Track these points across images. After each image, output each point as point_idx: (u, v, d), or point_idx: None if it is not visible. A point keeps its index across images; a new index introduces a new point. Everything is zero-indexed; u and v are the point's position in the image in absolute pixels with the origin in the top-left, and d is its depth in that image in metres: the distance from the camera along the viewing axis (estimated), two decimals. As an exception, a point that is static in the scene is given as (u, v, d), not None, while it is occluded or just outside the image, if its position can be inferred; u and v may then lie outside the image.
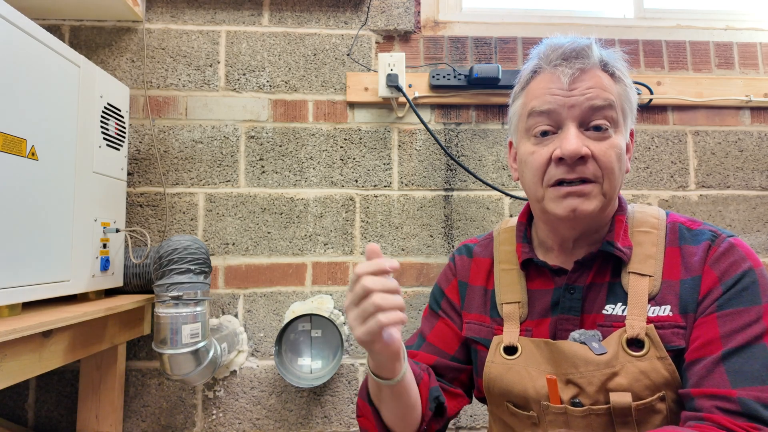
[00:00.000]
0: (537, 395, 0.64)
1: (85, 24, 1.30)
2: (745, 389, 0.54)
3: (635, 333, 0.61)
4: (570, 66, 0.63)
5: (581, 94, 0.62)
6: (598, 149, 0.62)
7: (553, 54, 0.65)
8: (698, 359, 0.58)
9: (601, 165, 0.62)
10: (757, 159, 1.38)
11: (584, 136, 0.63)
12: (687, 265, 0.63)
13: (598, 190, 0.62)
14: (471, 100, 1.33)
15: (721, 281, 0.60)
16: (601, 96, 0.62)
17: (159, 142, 1.29)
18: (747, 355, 0.56)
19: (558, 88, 0.63)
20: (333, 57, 1.34)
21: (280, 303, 1.28)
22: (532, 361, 0.66)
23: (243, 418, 1.24)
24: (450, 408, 0.73)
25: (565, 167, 0.62)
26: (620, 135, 0.64)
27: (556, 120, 0.64)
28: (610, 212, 0.68)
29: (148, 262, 1.13)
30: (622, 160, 0.64)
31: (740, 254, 0.61)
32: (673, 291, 0.62)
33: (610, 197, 0.64)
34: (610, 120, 0.63)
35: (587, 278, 0.67)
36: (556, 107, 0.63)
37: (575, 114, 0.62)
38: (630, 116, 0.67)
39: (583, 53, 0.64)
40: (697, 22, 1.45)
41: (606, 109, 0.62)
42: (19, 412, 1.22)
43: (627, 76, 0.67)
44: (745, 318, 0.57)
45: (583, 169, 0.62)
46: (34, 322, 0.77)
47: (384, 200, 1.31)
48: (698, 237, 0.65)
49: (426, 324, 0.81)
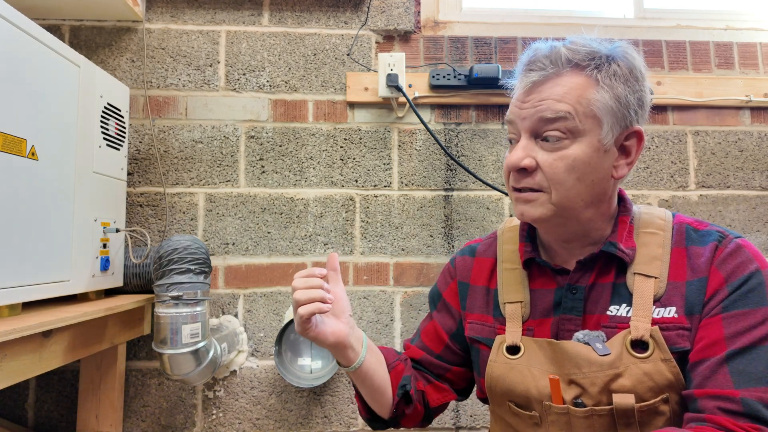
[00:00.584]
0: (539, 395, 0.64)
1: (85, 24, 1.30)
2: (748, 390, 0.54)
3: (640, 334, 0.60)
4: (526, 76, 0.64)
5: (532, 106, 0.63)
6: (545, 160, 0.62)
7: (522, 61, 0.67)
8: (702, 360, 0.58)
9: (547, 176, 0.63)
10: (757, 159, 1.38)
11: (537, 146, 0.63)
12: (693, 266, 0.63)
13: (546, 199, 0.63)
14: (471, 100, 1.33)
15: (728, 282, 0.60)
16: (552, 108, 0.61)
17: (159, 142, 1.29)
18: (751, 356, 0.56)
19: (518, 99, 0.66)
20: (333, 57, 1.34)
21: (280, 303, 1.28)
22: (535, 361, 0.66)
23: (243, 418, 1.24)
24: (432, 400, 0.78)
25: (514, 175, 0.65)
26: (581, 144, 0.61)
27: (517, 129, 0.66)
28: (596, 217, 0.66)
29: (148, 262, 1.13)
30: (580, 170, 0.61)
31: (747, 255, 0.61)
32: (679, 292, 0.62)
33: (565, 206, 0.63)
34: (566, 131, 0.61)
35: (589, 278, 0.67)
36: (514, 118, 0.66)
37: (526, 126, 0.64)
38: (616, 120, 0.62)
39: (542, 62, 0.63)
40: (697, 22, 1.45)
41: (558, 121, 0.61)
42: (19, 412, 1.22)
43: (621, 75, 0.63)
44: (751, 320, 0.57)
45: (526, 179, 0.64)
46: (34, 322, 0.77)
47: (384, 200, 1.31)
48: (705, 238, 0.64)
49: (423, 321, 0.86)
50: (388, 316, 1.29)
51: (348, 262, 1.30)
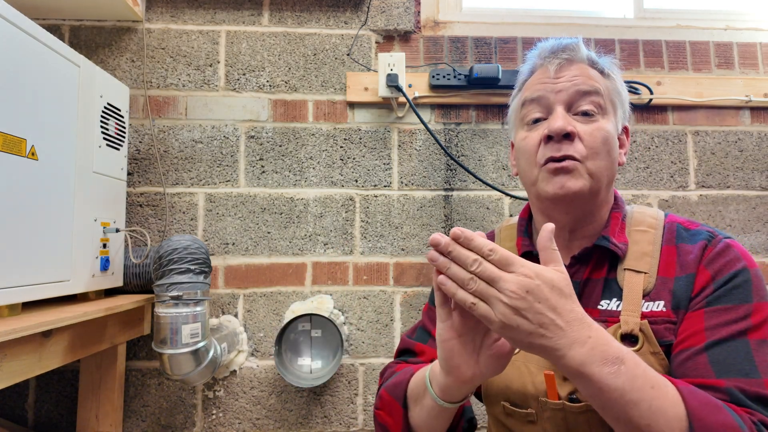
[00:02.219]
0: (536, 391, 0.64)
1: (85, 24, 1.30)
2: (730, 380, 0.54)
3: (630, 328, 0.61)
4: (557, 57, 0.68)
5: (568, 80, 0.67)
6: (584, 129, 0.65)
7: (543, 51, 0.70)
8: (683, 350, 0.59)
9: (586, 144, 0.65)
10: (756, 159, 1.38)
11: (572, 117, 0.66)
12: (682, 263, 0.64)
13: (584, 169, 0.65)
14: (471, 100, 1.33)
15: (714, 279, 0.61)
16: (587, 82, 0.66)
17: (159, 142, 1.29)
18: (730, 347, 0.56)
19: (547, 78, 0.68)
20: (333, 57, 1.34)
21: (280, 303, 1.28)
22: (531, 357, 0.66)
23: (243, 418, 1.25)
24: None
25: (553, 145, 0.65)
26: (608, 121, 0.67)
27: (545, 106, 0.68)
28: (603, 202, 0.69)
29: (148, 261, 1.13)
30: (610, 144, 0.66)
31: (735, 254, 0.62)
32: (667, 287, 0.63)
33: (598, 178, 0.65)
34: (597, 106, 0.66)
35: (584, 273, 0.67)
36: (544, 93, 0.67)
37: (562, 98, 0.66)
38: (620, 109, 0.70)
39: (570, 48, 0.69)
40: (697, 22, 1.45)
41: (592, 95, 0.66)
42: (19, 412, 1.22)
43: (617, 75, 0.70)
44: (732, 314, 0.58)
45: (568, 147, 0.64)
46: (34, 322, 0.78)
47: (384, 200, 1.32)
48: (695, 237, 0.65)
49: (428, 320, 0.80)
50: (388, 316, 1.29)
51: (348, 262, 1.30)
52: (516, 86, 0.76)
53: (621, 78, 0.71)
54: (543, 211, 0.71)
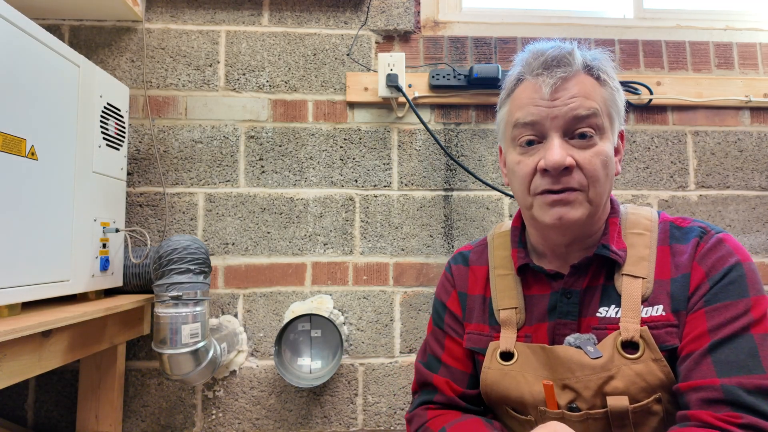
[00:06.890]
0: (534, 400, 0.64)
1: (84, 24, 1.30)
2: (729, 378, 0.54)
3: (630, 335, 0.61)
4: (551, 75, 0.62)
5: (564, 104, 0.62)
6: (583, 158, 0.62)
7: (534, 62, 0.64)
8: (688, 354, 0.59)
9: (586, 174, 0.62)
10: (756, 159, 1.38)
11: (569, 145, 0.62)
12: (677, 264, 0.63)
13: (584, 198, 0.62)
14: (471, 100, 1.33)
15: (708, 276, 0.61)
16: (584, 105, 0.62)
17: (159, 142, 1.29)
18: (733, 345, 0.56)
19: (540, 99, 0.63)
20: (333, 57, 1.34)
21: (279, 303, 1.28)
22: (528, 367, 0.65)
23: (243, 418, 1.24)
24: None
25: (550, 178, 0.62)
26: (607, 141, 0.63)
27: (540, 131, 0.64)
28: (601, 216, 0.68)
29: (147, 262, 1.13)
30: (609, 167, 0.63)
31: (727, 249, 0.61)
32: (665, 290, 0.63)
33: (597, 204, 0.64)
34: (595, 127, 0.62)
35: (584, 282, 0.66)
36: (539, 119, 0.63)
37: (558, 124, 0.62)
38: (618, 119, 0.66)
39: (565, 60, 0.63)
40: (697, 22, 1.45)
41: (590, 118, 0.62)
42: (19, 412, 1.22)
43: (614, 78, 0.66)
44: (732, 311, 0.58)
45: (568, 180, 0.61)
46: (34, 322, 0.77)
47: (384, 200, 1.31)
48: (688, 235, 0.65)
49: (435, 343, 0.79)
50: (388, 316, 1.29)
51: (348, 262, 1.30)
52: (503, 89, 0.71)
53: (616, 76, 0.67)
54: (538, 230, 0.69)
